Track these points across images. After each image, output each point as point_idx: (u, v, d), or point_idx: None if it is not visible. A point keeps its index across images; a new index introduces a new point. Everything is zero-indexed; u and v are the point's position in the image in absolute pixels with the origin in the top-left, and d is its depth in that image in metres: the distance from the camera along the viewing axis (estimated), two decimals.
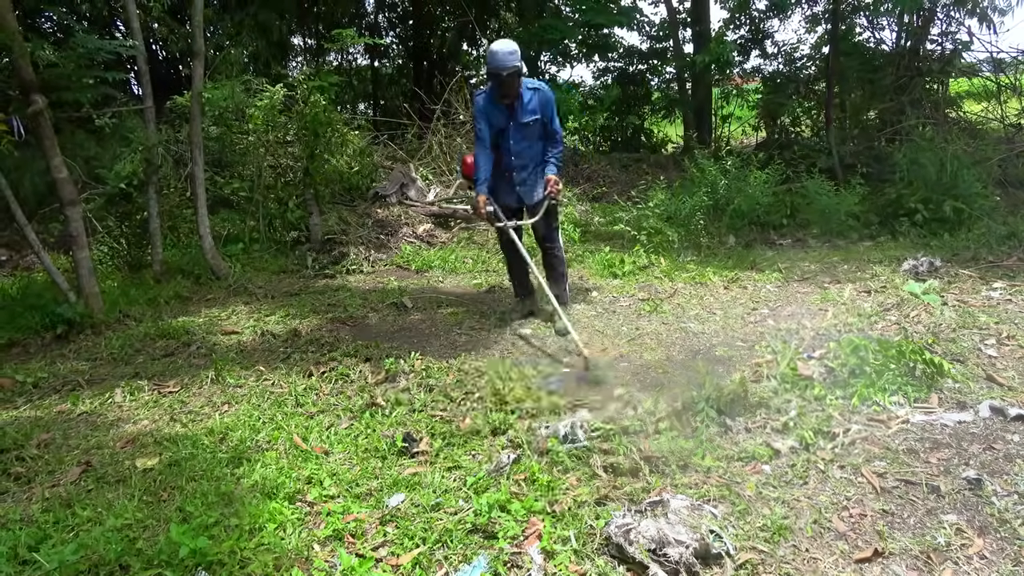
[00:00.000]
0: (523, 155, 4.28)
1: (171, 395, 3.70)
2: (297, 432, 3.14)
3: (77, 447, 3.13)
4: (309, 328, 4.75)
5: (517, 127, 4.19)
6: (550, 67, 14.04)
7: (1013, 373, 3.31)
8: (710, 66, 11.71)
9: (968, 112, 9.96)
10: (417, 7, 13.99)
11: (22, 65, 4.47)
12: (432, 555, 2.21)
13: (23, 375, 4.06)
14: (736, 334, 4.32)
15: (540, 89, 4.22)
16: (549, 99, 4.20)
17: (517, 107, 4.14)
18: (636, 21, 13.18)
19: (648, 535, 2.15)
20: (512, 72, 3.97)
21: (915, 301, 4.35)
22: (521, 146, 4.25)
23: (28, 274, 6.50)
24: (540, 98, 4.19)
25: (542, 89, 4.23)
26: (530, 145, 4.29)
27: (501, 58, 3.94)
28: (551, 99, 4.22)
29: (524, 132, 4.22)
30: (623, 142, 13.63)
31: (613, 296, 5.32)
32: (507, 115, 4.17)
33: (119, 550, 2.20)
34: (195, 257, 6.26)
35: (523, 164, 4.31)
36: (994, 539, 2.19)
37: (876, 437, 2.82)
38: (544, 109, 4.20)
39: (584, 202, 8.45)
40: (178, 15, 9.91)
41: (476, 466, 2.75)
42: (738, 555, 2.14)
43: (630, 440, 2.84)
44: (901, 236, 6.74)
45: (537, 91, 4.19)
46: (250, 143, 7.28)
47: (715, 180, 7.75)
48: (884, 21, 10.70)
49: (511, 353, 4.16)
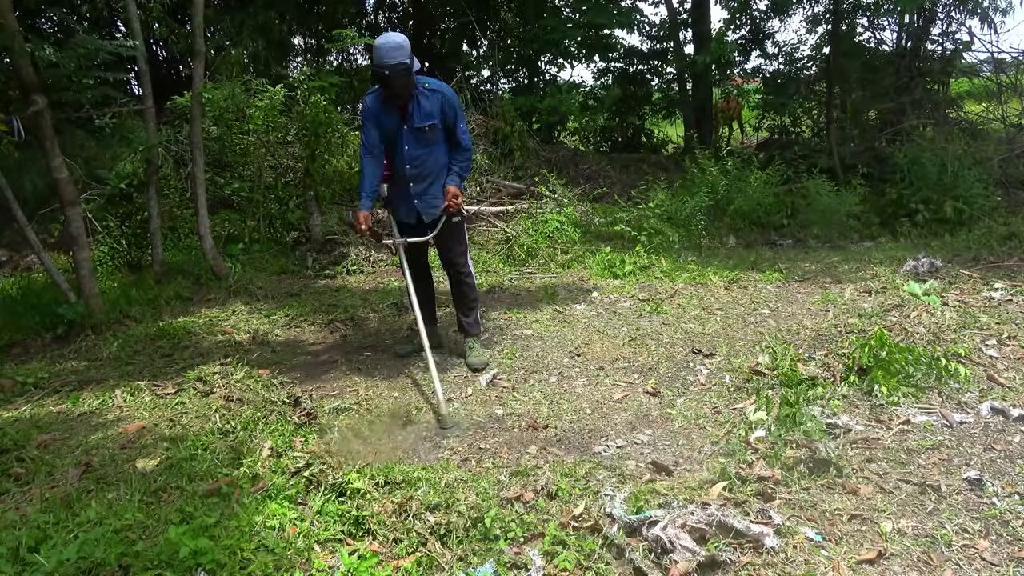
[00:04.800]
0: (420, 163, 3.75)
1: (170, 396, 3.70)
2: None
3: (77, 447, 3.12)
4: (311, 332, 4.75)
5: (411, 132, 3.68)
6: (550, 67, 14.05)
7: (1014, 374, 3.31)
8: (710, 66, 11.71)
9: (969, 112, 9.95)
10: (417, 7, 13.98)
11: (22, 65, 4.47)
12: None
13: (23, 375, 4.05)
14: (736, 334, 4.32)
15: (440, 90, 3.70)
16: (451, 101, 3.70)
17: (411, 110, 3.64)
18: (636, 21, 13.18)
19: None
20: (399, 70, 3.44)
21: (916, 302, 4.35)
22: (416, 153, 3.72)
23: (28, 274, 6.49)
24: (439, 100, 3.68)
25: (442, 90, 3.71)
26: (428, 152, 3.75)
27: (384, 54, 3.42)
28: (454, 101, 3.71)
29: (420, 138, 3.70)
30: (623, 142, 13.64)
31: (613, 296, 5.31)
32: (399, 118, 3.68)
33: (119, 551, 2.19)
34: (195, 257, 6.25)
35: (420, 173, 3.77)
36: (995, 540, 2.19)
37: (877, 437, 2.82)
38: (445, 112, 3.69)
39: (584, 202, 8.44)
40: (178, 15, 9.89)
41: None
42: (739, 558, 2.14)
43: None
44: (902, 236, 6.74)
45: (435, 92, 3.68)
46: (250, 143, 7.28)
47: (716, 180, 7.75)
48: (885, 21, 10.69)
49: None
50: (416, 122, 3.66)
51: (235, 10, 10.64)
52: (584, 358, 4.06)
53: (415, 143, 3.71)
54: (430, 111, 3.67)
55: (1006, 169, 7.76)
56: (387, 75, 3.45)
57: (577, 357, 4.08)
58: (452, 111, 3.71)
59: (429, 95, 3.67)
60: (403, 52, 3.45)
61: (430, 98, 3.66)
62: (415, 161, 3.74)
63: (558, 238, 6.95)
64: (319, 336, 4.73)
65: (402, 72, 3.46)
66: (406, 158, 3.73)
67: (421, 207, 3.83)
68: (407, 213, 3.89)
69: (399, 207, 3.91)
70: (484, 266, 6.64)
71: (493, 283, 5.89)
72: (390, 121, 3.69)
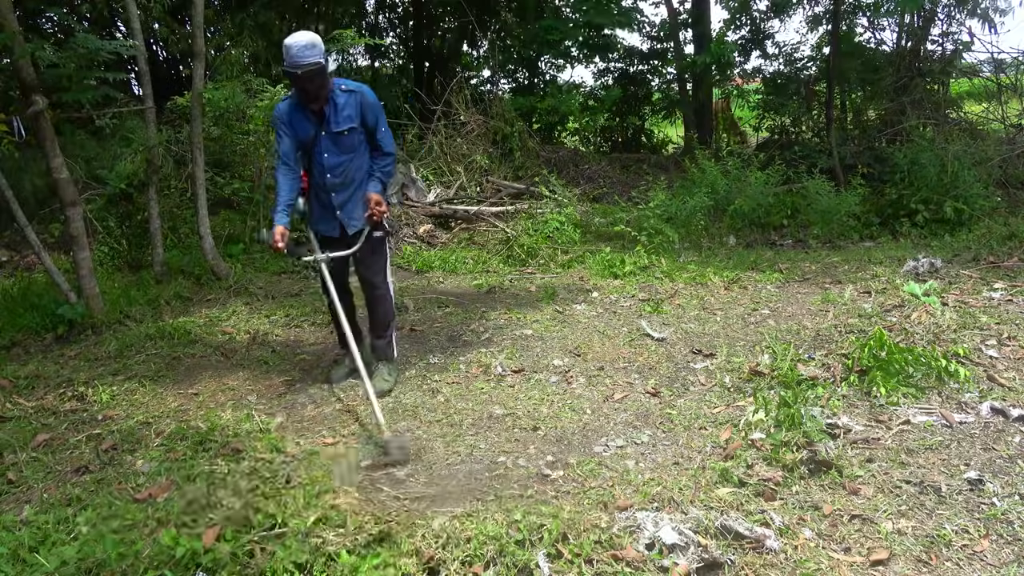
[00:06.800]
0: (340, 171, 3.49)
1: (170, 395, 3.70)
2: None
3: (76, 447, 3.12)
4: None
5: (330, 137, 3.43)
6: (550, 68, 14.06)
7: (1014, 374, 3.30)
8: (711, 67, 11.73)
9: (969, 113, 9.96)
10: (417, 7, 13.99)
11: (23, 65, 4.47)
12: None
13: (23, 375, 4.05)
14: (736, 334, 4.32)
15: (358, 91, 3.46)
16: (371, 103, 3.46)
17: (328, 113, 3.40)
18: (636, 22, 13.19)
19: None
20: (311, 70, 3.21)
21: (916, 302, 4.34)
22: (337, 160, 3.47)
23: (29, 274, 6.49)
24: (359, 102, 3.44)
25: (361, 91, 3.46)
26: (350, 159, 3.50)
27: (296, 53, 3.18)
28: (374, 103, 3.47)
29: (339, 143, 3.45)
30: (624, 143, 13.66)
31: (613, 296, 5.31)
32: (316, 124, 3.43)
33: (119, 551, 2.19)
34: (196, 258, 6.25)
35: (341, 183, 3.50)
36: (996, 540, 2.19)
37: (877, 438, 2.82)
38: (365, 115, 3.46)
39: (584, 202, 8.45)
40: (178, 15, 9.91)
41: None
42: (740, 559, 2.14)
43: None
44: (902, 237, 6.74)
45: (354, 93, 3.44)
46: (250, 144, 7.27)
47: (715, 181, 7.75)
48: (885, 22, 10.72)
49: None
50: (334, 126, 3.41)
51: (235, 10, 10.65)
52: (584, 358, 4.06)
53: (335, 149, 3.46)
54: (349, 113, 3.43)
55: (1006, 169, 7.76)
56: (299, 75, 3.22)
57: (577, 357, 4.08)
58: (372, 113, 3.48)
59: (347, 96, 3.43)
60: (316, 51, 3.21)
61: (348, 99, 3.43)
62: (336, 169, 3.48)
63: (558, 238, 6.95)
64: (319, 336, 4.73)
65: (315, 73, 3.23)
66: (326, 166, 3.47)
67: (344, 218, 3.56)
68: (329, 227, 3.60)
69: (320, 220, 3.61)
70: (484, 266, 6.64)
71: (493, 283, 5.89)
72: (305, 128, 3.43)
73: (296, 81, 3.28)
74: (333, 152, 3.46)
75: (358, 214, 3.55)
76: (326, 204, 3.55)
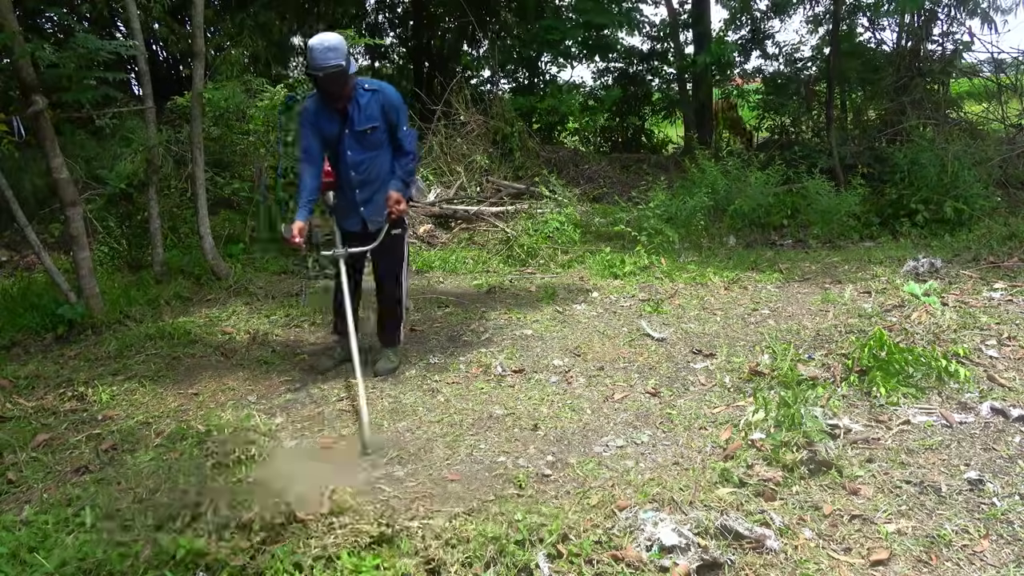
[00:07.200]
0: (364, 168, 3.61)
1: (170, 395, 3.70)
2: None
3: (76, 447, 3.12)
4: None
5: (353, 136, 3.54)
6: (550, 67, 14.06)
7: (1014, 374, 3.31)
8: (711, 67, 11.73)
9: (969, 113, 9.96)
10: (417, 7, 13.99)
11: (23, 65, 4.46)
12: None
13: (23, 375, 4.05)
14: (736, 334, 4.32)
15: (380, 90, 3.57)
16: (394, 102, 3.56)
17: (351, 112, 3.51)
18: (636, 22, 13.19)
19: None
20: (333, 72, 3.31)
21: (916, 302, 4.34)
22: (360, 157, 3.59)
23: (28, 274, 6.48)
24: (381, 101, 3.55)
25: (383, 90, 3.58)
26: (374, 156, 3.61)
27: (318, 55, 3.29)
28: (396, 102, 3.57)
29: (362, 141, 3.56)
30: (624, 143, 13.66)
31: (613, 296, 5.31)
32: (340, 122, 3.54)
33: (119, 551, 2.19)
34: (196, 258, 6.25)
35: (366, 179, 3.63)
36: (996, 540, 2.19)
37: (877, 438, 2.82)
38: (387, 114, 3.56)
39: (584, 202, 8.45)
40: (178, 15, 9.90)
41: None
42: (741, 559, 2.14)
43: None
44: (902, 237, 6.74)
45: (376, 93, 3.55)
46: (250, 144, 7.27)
47: (715, 181, 7.75)
48: (885, 21, 10.71)
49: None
50: (357, 125, 3.52)
51: (235, 10, 10.65)
52: (584, 358, 4.06)
53: (358, 147, 3.57)
54: (372, 112, 3.53)
55: (1006, 169, 7.76)
56: (321, 77, 3.33)
57: (577, 357, 4.08)
58: (395, 112, 3.58)
59: (369, 95, 3.53)
60: (338, 53, 3.30)
61: (371, 99, 3.53)
62: (359, 167, 3.60)
63: (558, 238, 6.95)
64: (319, 336, 4.73)
65: (336, 75, 3.33)
66: (350, 164, 3.60)
67: (367, 215, 3.69)
68: (353, 222, 3.74)
69: (344, 216, 3.77)
70: (484, 266, 6.64)
71: (493, 283, 5.89)
72: (330, 126, 3.55)
73: (318, 83, 3.39)
74: (357, 150, 3.59)
75: (380, 211, 3.67)
76: (350, 200, 3.70)
